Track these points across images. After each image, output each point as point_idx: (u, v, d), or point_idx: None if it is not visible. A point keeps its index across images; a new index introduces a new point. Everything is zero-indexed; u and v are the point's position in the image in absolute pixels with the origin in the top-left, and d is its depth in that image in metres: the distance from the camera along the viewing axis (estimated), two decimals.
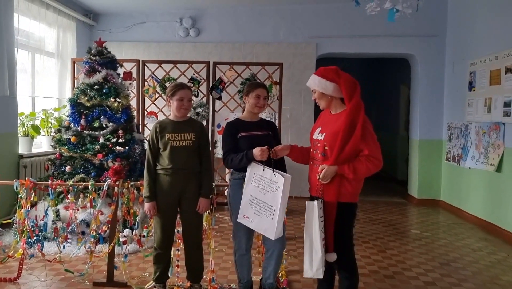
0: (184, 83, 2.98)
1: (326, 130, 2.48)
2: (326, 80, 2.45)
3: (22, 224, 3.18)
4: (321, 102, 2.53)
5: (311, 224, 2.42)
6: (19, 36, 5.06)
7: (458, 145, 6.10)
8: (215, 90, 5.71)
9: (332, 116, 2.51)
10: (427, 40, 6.61)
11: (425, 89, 6.71)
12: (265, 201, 2.61)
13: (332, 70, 2.46)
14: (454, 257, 4.11)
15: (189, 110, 2.92)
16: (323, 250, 2.40)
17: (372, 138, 2.39)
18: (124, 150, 4.63)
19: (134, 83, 5.75)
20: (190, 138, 2.83)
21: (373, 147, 2.37)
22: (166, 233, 2.89)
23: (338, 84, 2.42)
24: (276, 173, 2.60)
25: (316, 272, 2.41)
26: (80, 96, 4.58)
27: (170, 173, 2.81)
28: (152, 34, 6.88)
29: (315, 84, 2.50)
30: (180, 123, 2.88)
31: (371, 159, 2.35)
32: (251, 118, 2.92)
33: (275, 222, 2.56)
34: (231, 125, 2.88)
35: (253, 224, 2.68)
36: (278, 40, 6.82)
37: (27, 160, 5.01)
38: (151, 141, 2.86)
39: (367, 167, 2.35)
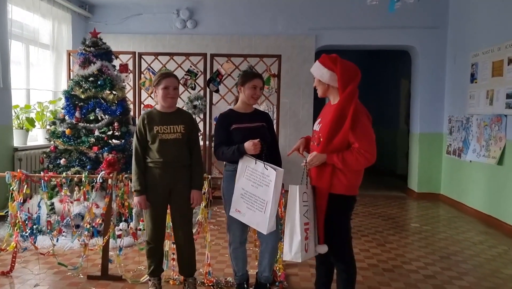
0: (170, 71, 2.88)
1: (323, 121, 2.44)
2: (324, 67, 2.38)
3: (14, 216, 3.12)
4: (318, 89, 2.47)
5: (292, 207, 2.37)
6: (12, 28, 4.97)
7: (459, 138, 6.03)
8: (213, 83, 5.63)
9: (331, 107, 2.44)
10: (428, 31, 6.52)
11: (426, 82, 6.63)
12: (257, 195, 2.57)
13: (330, 58, 2.38)
14: (454, 250, 4.06)
15: (176, 99, 2.80)
16: (304, 235, 2.35)
17: (364, 131, 2.30)
18: (120, 142, 4.57)
19: (130, 76, 5.67)
20: (179, 130, 2.74)
21: (364, 141, 2.28)
22: (157, 227, 2.81)
23: (335, 73, 2.35)
24: (267, 166, 2.54)
25: (295, 256, 2.36)
26: (75, 88, 4.51)
27: (160, 166, 2.72)
28: (149, 26, 6.79)
29: (314, 71, 2.45)
30: (169, 114, 2.77)
31: (362, 152, 2.27)
32: (245, 110, 2.84)
33: (267, 216, 2.52)
34: (224, 117, 2.81)
35: (245, 218, 2.63)
36: (276, 33, 6.73)
37: (22, 153, 4.94)
38: (138, 133, 2.75)
39: (357, 159, 2.28)
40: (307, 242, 2.37)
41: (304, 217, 2.35)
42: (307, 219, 2.37)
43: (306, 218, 2.37)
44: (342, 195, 2.37)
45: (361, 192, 2.54)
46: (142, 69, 5.69)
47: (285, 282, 3.15)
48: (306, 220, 2.36)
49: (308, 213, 2.38)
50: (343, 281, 2.45)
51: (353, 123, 2.26)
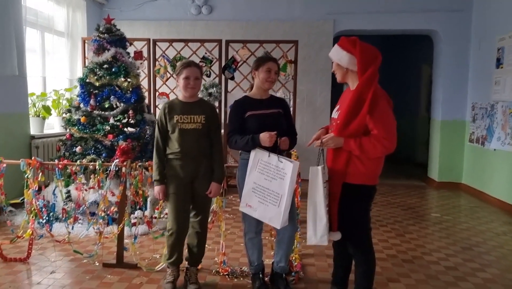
0: (192, 60, 2.80)
1: (341, 108, 2.33)
2: (343, 50, 2.27)
3: (30, 204, 3.13)
4: (336, 74, 2.36)
5: (315, 190, 2.29)
6: (27, 15, 4.96)
7: (482, 125, 5.82)
8: (228, 70, 5.54)
9: (350, 92, 2.33)
10: (452, 15, 6.26)
11: (448, 67, 6.40)
12: (270, 189, 2.51)
13: (349, 40, 2.27)
14: (476, 241, 3.92)
15: (197, 89, 2.74)
16: (327, 216, 2.28)
17: (383, 117, 2.18)
18: (135, 130, 4.54)
19: (145, 63, 5.62)
20: (200, 121, 2.69)
21: (383, 127, 2.17)
22: (181, 217, 2.74)
23: (354, 56, 2.23)
24: (282, 159, 2.47)
25: (321, 239, 2.30)
26: (90, 76, 4.48)
27: (180, 157, 2.68)
28: (164, 12, 6.71)
29: (333, 55, 2.34)
30: (190, 104, 2.73)
31: (380, 139, 2.16)
32: (261, 96, 2.76)
33: (281, 210, 2.47)
34: (238, 104, 2.74)
35: (257, 213, 2.57)
36: (293, 18, 6.56)
37: (39, 141, 4.97)
38: (159, 122, 2.72)
39: (375, 146, 2.17)
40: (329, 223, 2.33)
41: (326, 199, 2.30)
42: (327, 200, 2.31)
43: (327, 199, 2.31)
44: (361, 185, 2.27)
45: (379, 180, 2.43)
46: (157, 56, 5.64)
47: (301, 272, 3.08)
48: (327, 202, 2.30)
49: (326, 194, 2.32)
50: (362, 273, 2.37)
51: (371, 108, 2.15)
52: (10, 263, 3.17)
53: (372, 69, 2.18)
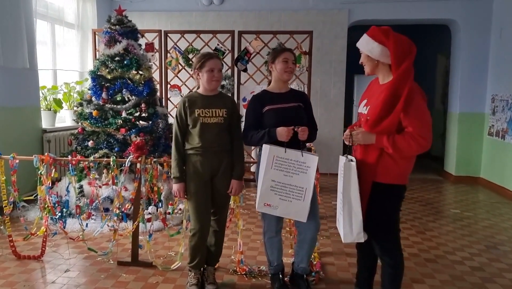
0: (212, 52, 2.69)
1: (371, 103, 2.19)
2: (374, 41, 2.12)
3: (43, 200, 3.06)
4: (366, 66, 2.21)
5: (348, 185, 2.17)
6: (37, 6, 4.86)
7: (503, 118, 5.63)
8: (241, 62, 5.41)
9: (379, 87, 2.19)
10: (471, 3, 6.05)
11: (467, 58, 6.20)
12: (292, 184, 2.44)
13: (382, 30, 2.12)
14: (501, 239, 3.79)
15: (220, 81, 2.63)
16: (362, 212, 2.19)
17: (419, 114, 2.04)
18: (147, 124, 4.45)
19: (156, 55, 5.52)
20: (221, 114, 2.57)
21: (419, 124, 2.03)
22: (203, 216, 2.62)
23: (387, 48, 2.09)
24: (303, 153, 2.42)
25: (357, 236, 2.19)
26: (101, 68, 4.39)
27: (201, 152, 2.56)
28: (174, 2, 6.57)
29: (362, 45, 2.18)
30: (211, 98, 2.61)
31: (416, 137, 2.02)
32: (280, 89, 2.64)
33: (307, 203, 2.43)
34: (256, 99, 2.63)
35: (279, 210, 2.48)
36: (307, 7, 6.39)
37: (51, 135, 4.91)
38: (179, 117, 2.59)
39: (409, 145, 2.02)
40: None
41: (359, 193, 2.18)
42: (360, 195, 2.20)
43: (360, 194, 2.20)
44: (392, 185, 2.14)
45: None
46: (168, 48, 5.52)
47: (322, 272, 2.99)
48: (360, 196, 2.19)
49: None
50: (389, 276, 2.26)
51: (407, 104, 2.01)
52: (24, 261, 3.12)
53: (407, 63, 2.04)
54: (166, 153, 4.58)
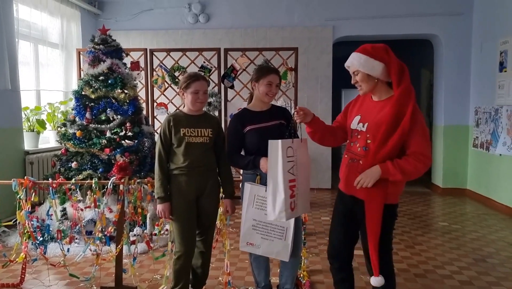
0: (199, 73, 2.66)
1: (369, 120, 2.10)
2: (375, 59, 2.06)
3: (23, 226, 2.97)
4: (364, 86, 2.13)
5: (275, 164, 2.18)
6: (19, 27, 4.83)
7: (486, 130, 5.71)
8: (227, 79, 5.41)
9: (376, 104, 2.13)
10: (452, 19, 6.18)
11: (449, 72, 6.30)
12: (273, 223, 2.41)
13: (381, 48, 2.09)
14: (489, 252, 3.79)
15: (205, 103, 2.60)
16: (289, 192, 2.19)
17: (422, 132, 2.01)
18: (133, 143, 4.39)
19: (142, 74, 5.49)
20: (207, 134, 2.56)
21: (422, 142, 2.00)
22: (188, 238, 2.56)
23: (388, 65, 2.06)
24: None
25: (279, 215, 2.19)
26: (85, 88, 4.35)
27: (186, 172, 2.51)
28: (160, 21, 6.59)
29: (360, 65, 2.08)
30: (196, 117, 2.59)
31: (420, 157, 1.98)
32: (261, 107, 2.62)
33: (288, 242, 2.40)
34: (237, 119, 2.61)
35: (261, 250, 2.47)
36: (292, 24, 6.46)
37: (33, 156, 4.81)
38: (163, 135, 2.55)
39: (416, 167, 1.97)
40: (294, 200, 2.23)
41: (289, 173, 2.20)
42: (293, 175, 2.22)
43: (292, 174, 2.22)
44: (390, 205, 2.10)
45: None
46: (154, 66, 5.51)
47: None
48: (291, 177, 2.21)
49: (294, 169, 2.23)
50: None
51: (413, 122, 1.96)
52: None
53: (407, 80, 2.03)
54: (152, 172, 4.50)
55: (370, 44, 2.13)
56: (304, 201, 2.34)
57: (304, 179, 2.34)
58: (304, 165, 2.33)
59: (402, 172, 1.98)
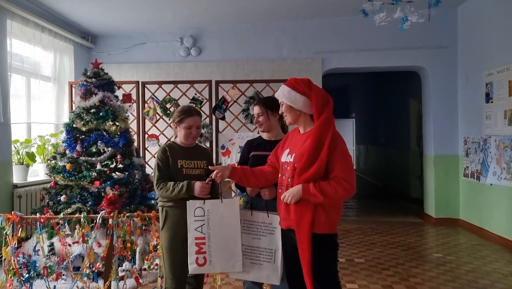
0: (193, 108, 2.67)
1: (295, 151, 2.19)
2: (296, 92, 2.17)
3: (9, 262, 2.89)
4: (288, 116, 2.25)
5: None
6: (12, 61, 4.86)
7: (476, 160, 5.77)
8: (218, 110, 5.46)
9: (302, 136, 2.23)
10: (437, 51, 6.36)
11: (437, 102, 6.42)
12: (261, 246, 2.40)
13: (304, 82, 2.20)
14: (484, 284, 3.74)
15: (197, 138, 2.63)
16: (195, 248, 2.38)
17: (343, 158, 2.10)
18: (123, 175, 4.35)
19: (134, 106, 5.52)
20: (202, 166, 2.58)
21: (343, 168, 2.08)
22: (180, 273, 2.51)
23: (309, 98, 2.16)
24: (269, 214, 2.40)
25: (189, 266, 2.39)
26: (76, 121, 4.35)
27: (181, 205, 2.44)
28: (152, 54, 6.70)
29: (283, 96, 2.21)
30: (190, 150, 2.62)
31: (341, 181, 2.06)
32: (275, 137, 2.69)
33: (277, 265, 2.37)
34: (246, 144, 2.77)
35: (251, 275, 2.43)
36: (282, 57, 6.60)
37: (22, 190, 4.74)
38: (161, 162, 2.51)
39: (336, 190, 2.05)
40: (203, 256, 2.36)
41: (196, 231, 2.37)
42: (202, 233, 2.37)
43: (200, 232, 2.38)
44: (327, 234, 2.12)
45: (376, 218, 2.32)
46: (146, 98, 5.55)
47: None
48: (199, 235, 2.37)
49: (204, 228, 2.37)
50: None
51: (331, 150, 2.06)
52: None
53: (328, 112, 2.13)
54: (143, 204, 4.47)
55: (295, 78, 2.24)
56: (226, 259, 2.37)
57: (221, 238, 2.37)
58: (228, 224, 2.38)
59: (322, 193, 2.04)
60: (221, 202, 2.39)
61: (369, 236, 5.50)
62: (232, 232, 2.38)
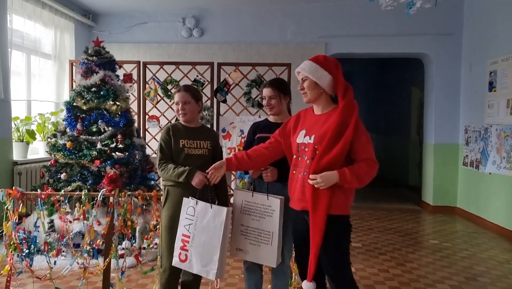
0: (185, 85, 2.67)
1: (315, 132, 2.13)
2: (324, 70, 2.12)
3: (9, 237, 2.90)
4: (309, 93, 2.16)
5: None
6: (13, 37, 4.81)
7: (476, 148, 5.77)
8: (220, 93, 5.42)
9: (320, 117, 2.17)
10: (442, 38, 6.30)
11: (440, 90, 6.39)
12: (260, 228, 2.41)
13: (333, 61, 2.16)
14: (480, 271, 3.79)
15: (189, 115, 2.57)
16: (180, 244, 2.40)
17: (367, 139, 2.11)
18: (124, 156, 4.35)
19: (135, 86, 5.48)
20: (206, 146, 2.56)
21: (370, 149, 2.11)
22: None
23: (335, 78, 2.12)
24: (269, 196, 2.40)
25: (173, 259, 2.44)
26: (77, 99, 4.32)
27: (182, 185, 2.45)
28: (154, 34, 6.63)
29: (310, 72, 2.14)
30: (195, 129, 2.59)
31: (370, 163, 2.07)
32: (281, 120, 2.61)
33: (274, 248, 2.38)
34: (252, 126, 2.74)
35: (249, 255, 2.46)
36: (285, 41, 6.54)
37: (22, 167, 4.74)
38: (164, 144, 2.51)
39: (369, 172, 2.06)
40: (185, 253, 2.39)
41: (184, 228, 2.40)
42: (188, 232, 2.39)
43: (187, 230, 2.40)
44: (342, 216, 2.11)
45: (374, 205, 2.33)
46: (147, 79, 5.51)
47: None
48: (186, 232, 2.40)
49: (191, 227, 2.39)
50: None
51: (356, 131, 2.05)
52: None
53: (351, 93, 2.11)
54: (143, 185, 4.48)
55: (323, 55, 2.20)
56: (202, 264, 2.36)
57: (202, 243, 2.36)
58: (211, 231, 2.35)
59: (358, 178, 2.04)
60: (211, 207, 2.39)
61: (367, 221, 5.54)
62: (213, 240, 2.35)
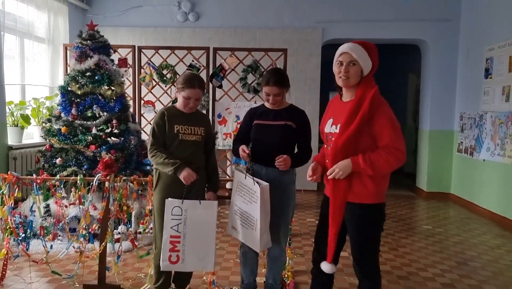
0: (197, 80, 2.56)
1: (340, 120, 2.09)
2: (370, 59, 2.07)
3: (5, 221, 2.91)
4: (352, 80, 2.08)
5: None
6: (5, 20, 4.73)
7: (471, 135, 5.80)
8: (216, 78, 5.39)
9: (346, 104, 2.12)
10: (440, 25, 6.27)
11: (436, 77, 6.39)
12: (248, 212, 2.44)
13: (376, 50, 2.09)
14: (471, 255, 3.85)
15: (194, 108, 2.59)
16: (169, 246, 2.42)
17: (392, 125, 2.01)
18: (119, 141, 4.34)
19: (130, 71, 5.44)
20: (200, 133, 2.57)
21: (394, 136, 1.99)
22: None
23: (374, 68, 2.09)
24: (255, 181, 2.39)
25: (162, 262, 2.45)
26: (71, 84, 4.28)
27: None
28: (149, 18, 6.55)
29: (360, 59, 2.04)
30: (190, 115, 2.59)
31: (392, 150, 1.97)
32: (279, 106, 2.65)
33: (257, 234, 2.38)
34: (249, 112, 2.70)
35: (240, 236, 2.52)
36: (282, 26, 6.48)
37: (17, 152, 4.73)
38: (157, 128, 2.50)
39: (387, 161, 1.96)
40: (176, 254, 2.41)
41: (172, 230, 2.40)
42: (177, 232, 2.40)
43: (176, 231, 2.40)
44: (372, 204, 2.08)
45: None
46: (142, 63, 5.46)
47: None
48: (175, 233, 2.40)
49: (180, 227, 2.40)
50: None
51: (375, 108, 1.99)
52: None
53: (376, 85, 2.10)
54: (138, 170, 4.48)
55: (373, 44, 2.11)
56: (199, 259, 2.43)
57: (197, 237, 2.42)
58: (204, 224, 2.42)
59: (372, 166, 1.98)
60: (200, 203, 2.42)
61: None
62: (208, 232, 2.41)
